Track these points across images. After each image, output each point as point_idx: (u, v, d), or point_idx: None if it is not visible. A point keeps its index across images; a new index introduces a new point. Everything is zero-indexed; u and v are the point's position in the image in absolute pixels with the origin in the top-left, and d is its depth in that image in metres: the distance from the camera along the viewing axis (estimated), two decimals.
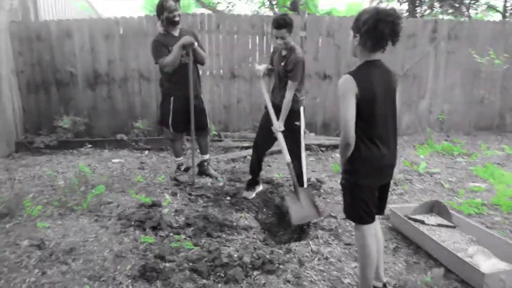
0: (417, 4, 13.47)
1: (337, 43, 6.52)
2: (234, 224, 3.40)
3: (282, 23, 3.39)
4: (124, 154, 5.62)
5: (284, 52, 3.60)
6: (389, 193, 4.24)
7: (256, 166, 4.06)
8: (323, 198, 4.08)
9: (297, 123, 3.69)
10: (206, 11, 9.63)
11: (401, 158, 5.55)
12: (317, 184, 4.43)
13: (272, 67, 3.80)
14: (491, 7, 13.38)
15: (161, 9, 4.04)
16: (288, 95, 3.54)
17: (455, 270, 2.62)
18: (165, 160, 5.37)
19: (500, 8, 12.63)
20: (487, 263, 2.61)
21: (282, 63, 3.57)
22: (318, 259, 2.81)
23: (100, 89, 6.10)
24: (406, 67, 6.81)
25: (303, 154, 3.78)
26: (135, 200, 3.72)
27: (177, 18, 4.04)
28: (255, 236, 3.22)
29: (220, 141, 6.16)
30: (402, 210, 3.41)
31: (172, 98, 4.17)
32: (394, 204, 3.67)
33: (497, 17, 13.05)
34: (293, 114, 3.66)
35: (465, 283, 2.51)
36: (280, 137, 3.64)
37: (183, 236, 3.08)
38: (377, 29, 1.92)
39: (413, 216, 3.37)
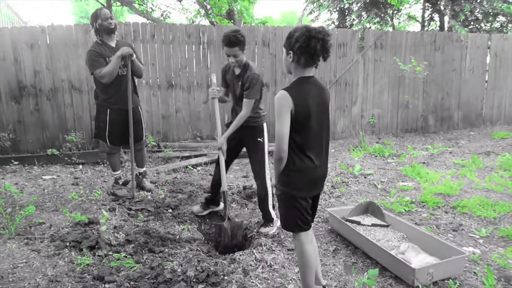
0: (346, 14, 14.25)
1: (272, 52, 6.69)
2: (177, 237, 3.34)
3: (234, 41, 3.22)
4: (56, 170, 5.29)
5: (237, 71, 3.45)
6: (328, 196, 4.43)
7: (215, 185, 3.87)
8: None
9: (260, 139, 3.49)
10: (139, 18, 9.39)
11: (337, 162, 5.81)
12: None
13: (225, 89, 3.69)
14: (411, 17, 14.52)
15: (95, 17, 3.91)
16: (243, 112, 3.36)
17: (389, 267, 2.79)
18: (102, 175, 5.14)
19: (419, 18, 13.76)
20: (417, 258, 2.82)
21: (239, 83, 3.41)
22: (262, 267, 2.85)
23: (26, 102, 5.70)
24: (338, 74, 7.16)
25: (268, 175, 3.50)
26: (69, 219, 3.52)
27: (112, 26, 3.94)
28: (198, 248, 3.18)
29: (160, 151, 6.03)
30: (340, 213, 3.56)
31: (108, 110, 4.03)
32: (332, 207, 3.83)
33: (417, 27, 14.20)
34: (256, 130, 3.50)
35: (398, 279, 2.68)
36: (221, 156, 3.53)
37: (123, 254, 2.97)
38: (309, 46, 2.01)
39: (350, 218, 3.54)
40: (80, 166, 5.45)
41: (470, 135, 7.85)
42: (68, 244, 3.02)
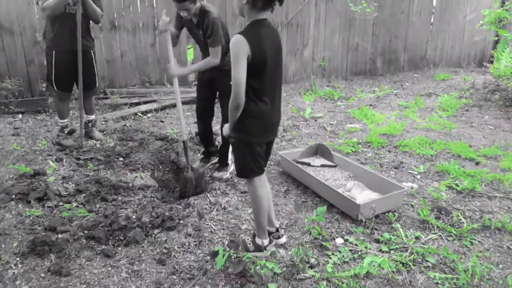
0: None
1: None
2: (130, 185, 3.32)
3: None
4: None
5: (195, 19, 3.20)
6: (279, 139, 4.53)
7: (205, 138, 3.77)
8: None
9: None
10: None
11: (288, 106, 5.89)
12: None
13: (177, 30, 3.42)
14: None
15: None
16: (210, 59, 3.14)
17: (336, 204, 2.98)
18: (45, 124, 4.87)
19: None
20: (361, 195, 3.02)
21: (200, 31, 3.20)
22: (217, 210, 2.94)
23: None
24: (290, 16, 7.03)
25: None
26: (12, 171, 3.36)
27: None
28: (152, 195, 3.19)
29: (107, 98, 5.77)
30: (291, 155, 3.68)
31: (54, 52, 3.78)
32: (284, 150, 3.94)
33: None
34: (228, 74, 3.30)
35: (345, 214, 2.88)
36: (176, 84, 3.21)
37: (74, 204, 2.92)
38: None
39: (301, 160, 3.68)
40: (20, 116, 5.11)
41: (414, 77, 8.19)
42: (14, 196, 2.91)
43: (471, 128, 4.88)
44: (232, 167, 3.62)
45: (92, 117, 4.35)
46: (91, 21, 3.96)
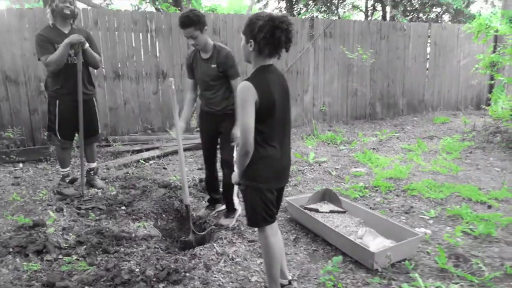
0: (293, 3, 14.39)
1: (223, 40, 6.56)
2: (133, 235, 3.19)
3: (185, 21, 3.05)
4: None
5: (205, 55, 3.23)
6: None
7: (210, 184, 3.66)
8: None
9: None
10: (79, 4, 8.83)
11: (292, 150, 5.85)
12: None
13: (194, 79, 3.44)
14: (355, 7, 14.96)
15: None
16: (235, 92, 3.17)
17: (348, 252, 2.85)
18: (45, 173, 4.79)
19: (363, 8, 14.22)
20: (374, 242, 2.89)
21: (211, 66, 3.19)
22: (224, 261, 2.79)
23: None
24: (290, 63, 7.19)
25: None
26: (11, 222, 3.24)
27: (68, 12, 3.69)
28: (156, 245, 3.06)
29: (109, 146, 5.74)
30: (298, 201, 3.59)
31: (57, 102, 3.79)
32: (290, 196, 3.85)
33: (361, 16, 14.66)
34: (232, 118, 3.27)
35: (358, 263, 2.74)
36: (180, 140, 3.14)
37: (75, 257, 2.78)
38: (273, 37, 1.94)
39: (308, 206, 3.58)
40: (21, 165, 5.05)
41: (414, 120, 8.25)
42: (11, 250, 2.78)
43: (477, 171, 4.82)
44: (239, 211, 3.53)
45: (94, 165, 4.29)
46: (91, 68, 4.02)
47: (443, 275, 2.61)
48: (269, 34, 1.93)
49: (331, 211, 3.53)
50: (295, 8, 14.41)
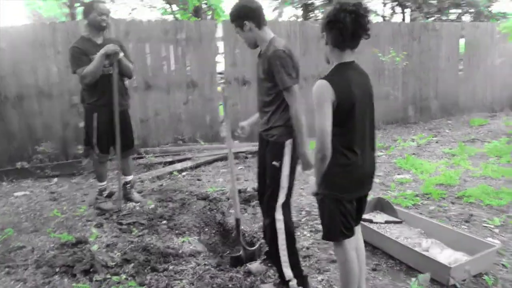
0: (309, 10, 14.32)
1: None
2: (179, 251, 3.03)
3: (230, 18, 2.51)
4: (28, 184, 4.79)
5: (260, 49, 2.48)
6: None
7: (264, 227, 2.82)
8: None
9: (275, 162, 2.37)
10: None
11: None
12: (255, 195, 4.22)
13: None
14: (372, 12, 14.83)
15: (89, 9, 3.63)
16: (292, 111, 2.27)
17: (416, 266, 2.62)
18: (80, 187, 4.70)
19: (379, 12, 14.08)
20: (443, 255, 2.66)
21: (260, 66, 2.43)
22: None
23: None
24: (320, 68, 6.99)
25: (280, 218, 2.38)
26: (53, 240, 3.13)
27: (104, 24, 3.65)
28: (206, 262, 2.89)
29: (141, 158, 5.63)
30: None
31: (95, 114, 3.70)
32: None
33: (379, 20, 14.46)
34: (273, 148, 2.41)
35: (431, 279, 2.50)
36: (230, 155, 2.80)
37: (123, 276, 2.63)
38: (337, 19, 1.79)
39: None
40: (55, 179, 4.98)
41: (449, 123, 7.93)
42: (57, 269, 2.66)
43: None
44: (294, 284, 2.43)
45: (131, 178, 4.17)
46: (125, 78, 3.94)
47: None
48: (333, 17, 1.80)
49: (387, 222, 3.29)
50: (311, 15, 14.31)
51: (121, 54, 3.66)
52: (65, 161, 5.32)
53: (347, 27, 1.79)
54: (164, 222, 3.61)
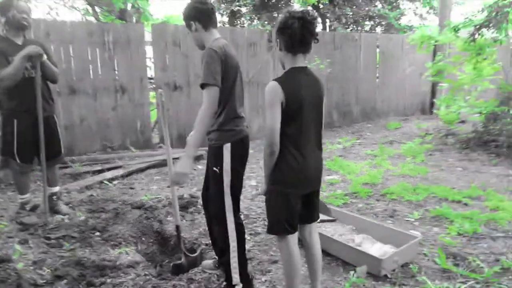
0: (236, 17, 14.57)
1: (184, 52, 6.37)
2: (117, 263, 2.90)
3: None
4: None
5: None
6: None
7: (211, 235, 2.84)
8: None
9: (215, 168, 2.34)
10: None
11: (260, 162, 5.77)
12: (193, 201, 4.20)
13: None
14: None
15: (7, 6, 3.34)
16: (201, 111, 2.19)
17: (351, 261, 2.80)
18: None
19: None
20: (374, 248, 2.88)
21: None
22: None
23: None
24: (250, 74, 7.15)
25: (230, 223, 2.36)
26: None
27: (25, 22, 3.40)
28: (146, 272, 2.80)
29: (66, 167, 5.28)
30: None
31: (15, 121, 3.41)
32: None
33: None
34: (213, 152, 2.39)
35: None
36: (169, 161, 2.85)
37: None
38: (286, 26, 1.92)
39: None
40: None
41: (369, 127, 8.55)
42: None
43: (442, 172, 5.05)
44: None
45: (57, 189, 3.91)
46: (48, 83, 3.70)
47: (447, 276, 2.64)
48: (283, 25, 1.93)
49: (322, 221, 3.46)
50: (238, 22, 14.57)
51: (45, 57, 3.43)
52: None
53: (295, 33, 1.92)
54: (98, 233, 3.43)
